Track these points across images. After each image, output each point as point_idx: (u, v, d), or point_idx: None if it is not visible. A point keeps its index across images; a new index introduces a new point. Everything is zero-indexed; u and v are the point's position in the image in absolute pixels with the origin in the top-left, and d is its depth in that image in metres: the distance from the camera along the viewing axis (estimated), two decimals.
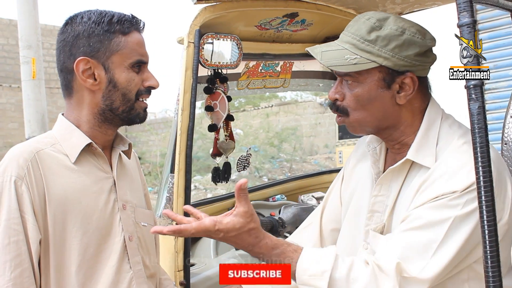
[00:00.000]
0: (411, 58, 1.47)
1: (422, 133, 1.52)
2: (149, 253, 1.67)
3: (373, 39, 1.47)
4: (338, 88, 1.56)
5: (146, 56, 1.58)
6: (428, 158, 1.48)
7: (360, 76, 1.50)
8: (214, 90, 2.52)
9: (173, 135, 2.31)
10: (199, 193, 11.47)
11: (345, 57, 1.49)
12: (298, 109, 16.64)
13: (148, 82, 1.57)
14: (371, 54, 1.47)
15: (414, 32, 1.48)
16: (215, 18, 2.24)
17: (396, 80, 1.49)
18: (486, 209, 1.18)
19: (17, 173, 1.41)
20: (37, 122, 7.49)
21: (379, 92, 1.50)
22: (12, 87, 15.30)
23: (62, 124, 1.57)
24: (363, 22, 1.51)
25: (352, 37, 1.51)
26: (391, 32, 1.47)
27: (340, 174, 1.85)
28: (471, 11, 1.20)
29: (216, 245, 2.78)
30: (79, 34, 1.51)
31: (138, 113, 1.58)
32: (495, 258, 1.18)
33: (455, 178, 1.38)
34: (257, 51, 2.75)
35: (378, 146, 1.67)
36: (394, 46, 1.46)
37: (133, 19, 1.56)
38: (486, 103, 1.37)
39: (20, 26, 7.51)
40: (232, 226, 1.38)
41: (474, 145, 1.20)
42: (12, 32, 15.53)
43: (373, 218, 1.60)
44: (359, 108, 1.52)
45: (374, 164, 1.65)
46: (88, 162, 1.54)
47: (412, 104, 1.54)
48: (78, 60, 1.50)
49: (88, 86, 1.52)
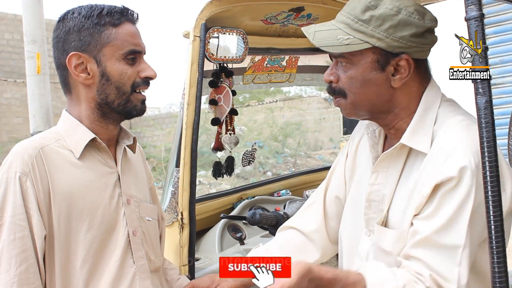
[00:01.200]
0: (406, 39, 1.42)
1: (419, 116, 1.48)
2: (153, 247, 1.67)
3: (367, 18, 1.43)
4: (333, 70, 1.53)
5: (140, 46, 1.55)
6: (423, 143, 1.45)
7: (354, 57, 1.46)
8: (219, 84, 2.52)
9: (178, 129, 2.32)
10: (203, 188, 11.49)
11: (337, 37, 1.45)
12: (303, 104, 16.63)
13: (144, 72, 1.55)
14: (364, 35, 1.43)
15: (411, 12, 1.42)
16: (221, 12, 2.23)
17: (391, 62, 1.44)
18: (493, 204, 1.17)
19: (21, 169, 1.41)
20: (41, 117, 7.50)
21: (373, 74, 1.46)
22: (17, 82, 15.33)
23: (66, 120, 1.57)
24: (358, 1, 1.46)
25: (346, 16, 1.47)
26: (385, 11, 1.42)
27: (344, 151, 1.81)
28: (478, 4, 1.19)
29: (220, 240, 2.78)
30: (69, 29, 1.51)
31: (135, 105, 1.56)
32: (501, 253, 1.17)
33: (449, 161, 1.36)
34: (263, 46, 2.75)
35: (378, 129, 1.63)
36: (388, 26, 1.41)
37: (125, 10, 1.54)
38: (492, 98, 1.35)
39: (25, 21, 7.52)
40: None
41: (481, 140, 1.19)
42: (17, 27, 15.56)
43: (371, 207, 1.57)
44: (354, 90, 1.49)
45: (373, 147, 1.62)
46: (92, 157, 1.54)
47: (408, 87, 1.49)
48: (70, 55, 1.50)
49: (82, 80, 1.51)
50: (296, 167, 14.04)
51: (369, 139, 1.63)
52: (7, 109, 15.30)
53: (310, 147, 16.21)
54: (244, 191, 3.28)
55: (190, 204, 2.22)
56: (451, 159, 1.36)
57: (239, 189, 3.32)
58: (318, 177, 3.72)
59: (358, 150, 1.75)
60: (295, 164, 14.45)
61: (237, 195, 3.24)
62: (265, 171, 13.65)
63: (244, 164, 2.74)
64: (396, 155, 1.52)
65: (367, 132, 1.64)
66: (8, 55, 16.27)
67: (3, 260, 1.37)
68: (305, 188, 3.62)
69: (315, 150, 16.12)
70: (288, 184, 3.55)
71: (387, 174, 1.54)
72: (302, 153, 15.46)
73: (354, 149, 1.76)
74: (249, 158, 2.74)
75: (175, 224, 2.22)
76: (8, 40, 16.28)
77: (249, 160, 2.73)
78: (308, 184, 3.65)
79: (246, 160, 2.73)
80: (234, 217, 2.88)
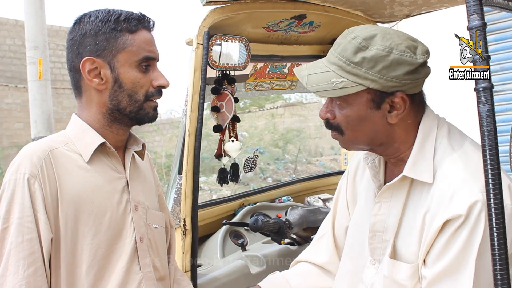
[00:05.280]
0: (400, 78, 1.40)
1: (418, 147, 1.47)
2: (159, 255, 1.65)
3: (359, 61, 1.40)
4: (328, 107, 1.52)
5: (155, 53, 1.55)
6: (426, 173, 1.44)
7: (349, 98, 1.44)
8: (222, 91, 2.53)
9: (181, 136, 2.32)
10: (204, 194, 11.47)
11: (331, 80, 1.43)
12: (303, 110, 16.64)
13: (157, 81, 1.54)
14: (358, 77, 1.40)
15: (402, 50, 1.39)
16: (224, 19, 2.24)
17: (386, 100, 1.43)
18: (495, 212, 1.18)
19: (30, 171, 1.40)
20: (43, 123, 7.52)
21: (369, 113, 1.44)
22: (18, 88, 15.34)
23: (76, 124, 1.56)
24: (349, 41, 1.43)
25: (338, 58, 1.44)
26: (377, 53, 1.39)
27: (343, 184, 1.82)
28: (481, 13, 1.19)
29: (222, 246, 2.79)
30: (86, 32, 1.50)
31: (147, 113, 1.56)
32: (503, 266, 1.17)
33: (457, 198, 1.35)
34: (265, 53, 2.75)
35: (377, 158, 1.62)
36: (381, 67, 1.39)
37: (142, 17, 1.54)
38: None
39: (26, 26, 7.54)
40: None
41: (483, 148, 1.19)
42: (19, 32, 15.61)
43: (375, 237, 1.57)
44: (351, 128, 1.48)
45: (375, 177, 1.61)
46: (101, 162, 1.53)
47: (405, 121, 1.48)
48: (84, 60, 1.49)
49: (95, 86, 1.51)
50: (296, 173, 14.03)
51: (370, 169, 1.62)
52: (8, 114, 15.30)
53: (311, 153, 16.21)
54: (245, 198, 3.28)
55: (193, 210, 2.23)
56: (459, 196, 1.35)
57: (241, 195, 3.33)
58: (319, 183, 3.73)
59: (356, 179, 1.76)
60: (295, 170, 14.44)
61: (238, 201, 3.25)
62: (265, 177, 13.64)
63: (246, 171, 2.74)
64: (398, 185, 1.51)
65: (367, 162, 1.63)
66: (9, 60, 16.29)
67: (11, 262, 1.35)
68: (306, 194, 3.62)
69: (316, 156, 16.11)
70: (290, 191, 3.55)
71: (390, 205, 1.54)
72: (302, 159, 15.46)
73: (352, 179, 1.77)
74: (251, 165, 2.74)
75: (178, 230, 2.22)
76: (10, 46, 16.30)
77: (251, 166, 2.74)
78: (309, 190, 3.65)
79: (248, 167, 2.73)
80: (236, 224, 2.88)
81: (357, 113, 1.45)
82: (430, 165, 1.44)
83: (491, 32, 7.42)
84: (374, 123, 1.46)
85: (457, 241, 1.34)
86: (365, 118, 1.45)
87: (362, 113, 1.45)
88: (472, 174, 1.35)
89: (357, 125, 1.47)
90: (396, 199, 1.52)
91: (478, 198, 1.31)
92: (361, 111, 1.45)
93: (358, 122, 1.46)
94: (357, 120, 1.46)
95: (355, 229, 1.69)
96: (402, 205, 1.50)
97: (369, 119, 1.46)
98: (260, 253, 2.68)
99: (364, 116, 1.45)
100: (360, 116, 1.45)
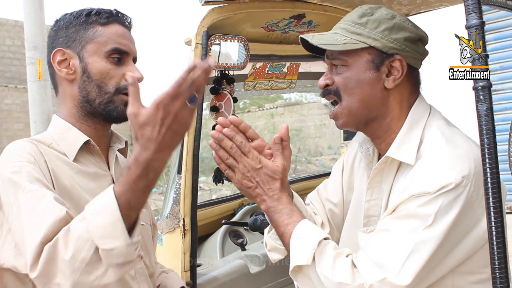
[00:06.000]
0: (400, 41, 1.47)
1: (405, 130, 1.49)
2: (148, 252, 1.65)
3: (363, 22, 1.49)
4: (328, 75, 1.55)
5: (127, 46, 1.52)
6: (409, 155, 1.45)
7: (349, 58, 1.49)
8: (220, 91, 2.53)
9: None
10: (204, 194, 11.47)
11: (335, 38, 1.50)
12: (303, 110, 16.64)
13: (129, 74, 1.49)
14: (361, 36, 1.48)
15: (405, 19, 1.50)
16: (223, 19, 2.24)
17: (385, 62, 1.48)
18: (494, 211, 1.17)
19: (26, 158, 1.33)
20: (42, 123, 7.49)
21: (368, 74, 1.48)
22: (17, 88, 15.35)
23: (58, 124, 1.54)
24: (356, 10, 1.54)
25: (344, 23, 1.53)
26: (381, 15, 1.49)
27: (339, 167, 1.83)
28: (479, 12, 1.19)
29: (222, 245, 2.79)
30: (59, 27, 1.52)
31: (117, 107, 1.50)
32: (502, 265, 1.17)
33: (430, 178, 1.33)
34: (264, 52, 2.76)
35: (371, 147, 1.64)
36: (384, 28, 1.47)
37: (115, 12, 1.53)
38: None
39: (26, 27, 7.52)
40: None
41: (482, 147, 1.19)
42: (18, 33, 15.61)
43: (369, 223, 1.58)
44: (349, 91, 1.50)
45: (368, 166, 1.64)
46: (86, 160, 1.51)
47: (400, 92, 1.51)
48: (55, 51, 1.50)
49: (64, 75, 1.50)
50: (296, 173, 14.03)
51: (364, 158, 1.65)
52: (8, 115, 15.31)
53: (311, 152, 16.21)
54: (245, 197, 3.27)
55: (192, 210, 2.23)
56: (433, 176, 1.33)
57: (240, 195, 3.32)
58: (319, 183, 3.69)
59: (354, 167, 1.77)
60: (295, 170, 14.44)
61: (238, 201, 3.25)
62: None
63: None
64: (387, 169, 1.53)
65: (361, 151, 1.65)
66: (9, 61, 16.30)
67: (25, 218, 1.23)
68: (306, 193, 3.58)
69: (316, 156, 16.11)
70: None
71: (381, 189, 1.55)
72: (302, 158, 15.47)
73: (350, 165, 1.78)
74: None
75: (177, 230, 2.22)
76: (9, 46, 16.31)
77: None
78: (309, 190, 3.61)
79: None
80: (235, 223, 2.88)
81: (356, 74, 1.49)
82: (415, 148, 1.45)
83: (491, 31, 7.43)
84: (371, 85, 1.49)
85: (414, 217, 1.31)
86: (363, 80, 1.49)
87: (361, 75, 1.49)
88: (455, 159, 1.34)
89: (355, 88, 1.50)
90: (386, 183, 1.54)
91: (454, 181, 1.29)
92: (360, 72, 1.49)
93: (356, 83, 1.50)
94: (355, 81, 1.50)
95: (352, 222, 1.69)
96: (389, 189, 1.52)
97: (367, 81, 1.49)
98: (260, 253, 2.68)
99: (363, 77, 1.49)
100: (359, 77, 1.49)
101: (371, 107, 1.51)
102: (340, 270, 1.31)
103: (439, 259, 1.30)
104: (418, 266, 1.27)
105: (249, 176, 1.47)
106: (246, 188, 1.48)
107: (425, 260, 1.27)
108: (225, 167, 1.49)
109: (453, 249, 1.32)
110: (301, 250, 1.36)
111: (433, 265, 1.30)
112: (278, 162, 1.48)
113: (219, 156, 1.48)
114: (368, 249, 1.34)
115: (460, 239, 1.31)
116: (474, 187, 1.31)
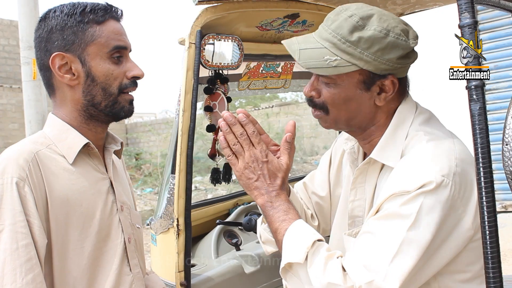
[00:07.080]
0: (393, 61, 1.40)
1: (390, 132, 1.47)
2: (142, 255, 1.64)
3: (355, 40, 1.38)
4: (313, 85, 1.50)
5: (125, 42, 1.49)
6: (392, 157, 1.43)
7: (339, 78, 1.43)
8: (214, 91, 2.52)
9: (174, 136, 2.32)
10: (199, 194, 11.46)
11: (324, 58, 1.40)
12: (299, 109, 16.63)
13: (131, 72, 1.48)
14: (352, 57, 1.39)
15: (398, 33, 1.40)
16: (216, 19, 2.24)
17: (376, 82, 1.43)
18: (487, 210, 1.17)
19: (18, 174, 1.31)
20: (37, 123, 7.48)
21: (357, 93, 1.44)
22: (12, 88, 15.29)
23: (56, 124, 1.50)
24: (344, 19, 1.41)
25: (332, 35, 1.41)
26: (374, 34, 1.38)
27: (326, 160, 1.83)
28: (472, 11, 1.19)
29: (216, 245, 2.78)
30: (52, 28, 1.44)
31: (123, 107, 1.49)
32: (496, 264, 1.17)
33: (410, 176, 1.31)
34: (258, 52, 2.75)
35: (356, 144, 1.63)
36: (377, 49, 1.39)
37: (109, 7, 1.49)
38: (486, 103, 1.34)
39: (20, 27, 7.50)
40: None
41: (475, 146, 1.19)
42: (13, 32, 15.57)
43: (354, 224, 1.57)
44: (336, 107, 1.47)
45: (353, 163, 1.63)
46: (84, 163, 1.49)
47: (389, 105, 1.49)
48: (53, 56, 1.43)
49: (67, 82, 1.45)
50: (291, 172, 14.02)
51: (349, 155, 1.64)
52: (2, 115, 15.25)
53: (306, 152, 16.20)
54: (240, 197, 3.28)
55: (186, 210, 2.22)
56: (413, 175, 1.31)
57: (235, 195, 3.32)
58: None
59: (342, 162, 1.77)
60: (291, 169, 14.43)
61: (233, 201, 3.24)
62: None
63: None
64: (371, 170, 1.52)
65: (346, 147, 1.64)
66: (3, 60, 16.25)
67: (7, 271, 1.26)
68: None
69: (311, 155, 16.11)
70: None
71: (365, 190, 1.54)
72: (298, 158, 15.46)
73: (338, 159, 1.78)
74: None
75: (171, 231, 2.22)
76: (4, 46, 16.26)
77: None
78: None
79: None
80: (230, 223, 2.88)
81: (344, 93, 1.45)
82: (398, 150, 1.44)
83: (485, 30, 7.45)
84: (360, 104, 1.46)
85: (396, 217, 1.29)
86: (352, 98, 1.45)
87: (350, 94, 1.45)
88: (435, 157, 1.33)
89: (343, 104, 1.46)
90: (369, 183, 1.53)
91: (434, 179, 1.28)
92: (349, 92, 1.44)
93: (345, 101, 1.46)
94: (344, 100, 1.46)
95: (341, 220, 1.69)
96: (372, 190, 1.51)
97: (356, 100, 1.45)
98: (254, 253, 2.68)
99: (352, 96, 1.45)
100: (347, 96, 1.45)
101: (358, 119, 1.49)
102: (331, 271, 1.30)
103: (424, 261, 1.29)
104: (404, 269, 1.25)
105: (252, 167, 1.46)
106: (246, 179, 1.47)
107: (412, 263, 1.25)
108: (229, 152, 1.48)
109: (438, 250, 1.30)
110: (294, 248, 1.36)
111: (420, 268, 1.28)
112: (283, 160, 1.48)
113: (227, 140, 1.47)
114: (355, 251, 1.32)
115: (443, 240, 1.30)
116: (455, 186, 1.29)
